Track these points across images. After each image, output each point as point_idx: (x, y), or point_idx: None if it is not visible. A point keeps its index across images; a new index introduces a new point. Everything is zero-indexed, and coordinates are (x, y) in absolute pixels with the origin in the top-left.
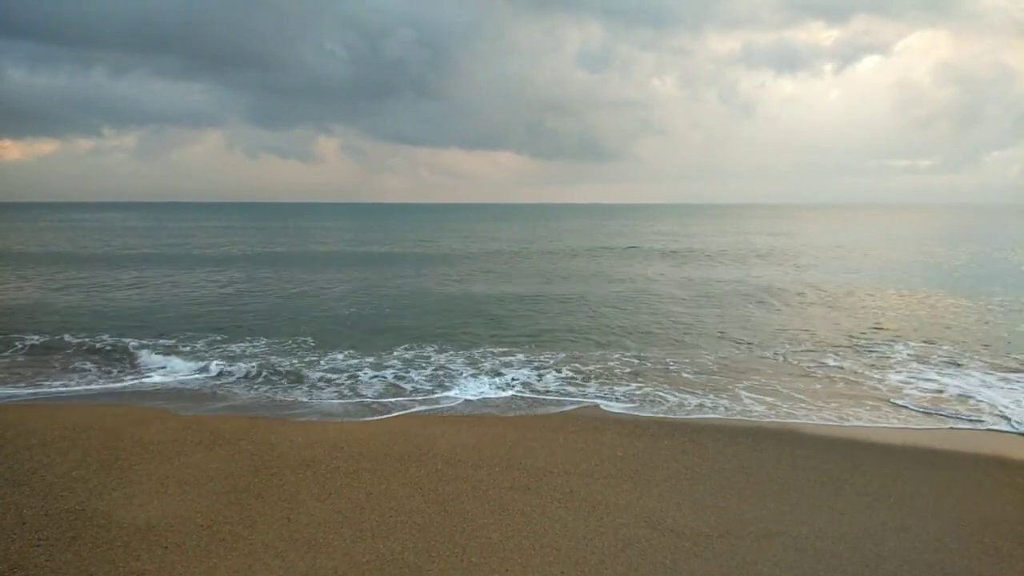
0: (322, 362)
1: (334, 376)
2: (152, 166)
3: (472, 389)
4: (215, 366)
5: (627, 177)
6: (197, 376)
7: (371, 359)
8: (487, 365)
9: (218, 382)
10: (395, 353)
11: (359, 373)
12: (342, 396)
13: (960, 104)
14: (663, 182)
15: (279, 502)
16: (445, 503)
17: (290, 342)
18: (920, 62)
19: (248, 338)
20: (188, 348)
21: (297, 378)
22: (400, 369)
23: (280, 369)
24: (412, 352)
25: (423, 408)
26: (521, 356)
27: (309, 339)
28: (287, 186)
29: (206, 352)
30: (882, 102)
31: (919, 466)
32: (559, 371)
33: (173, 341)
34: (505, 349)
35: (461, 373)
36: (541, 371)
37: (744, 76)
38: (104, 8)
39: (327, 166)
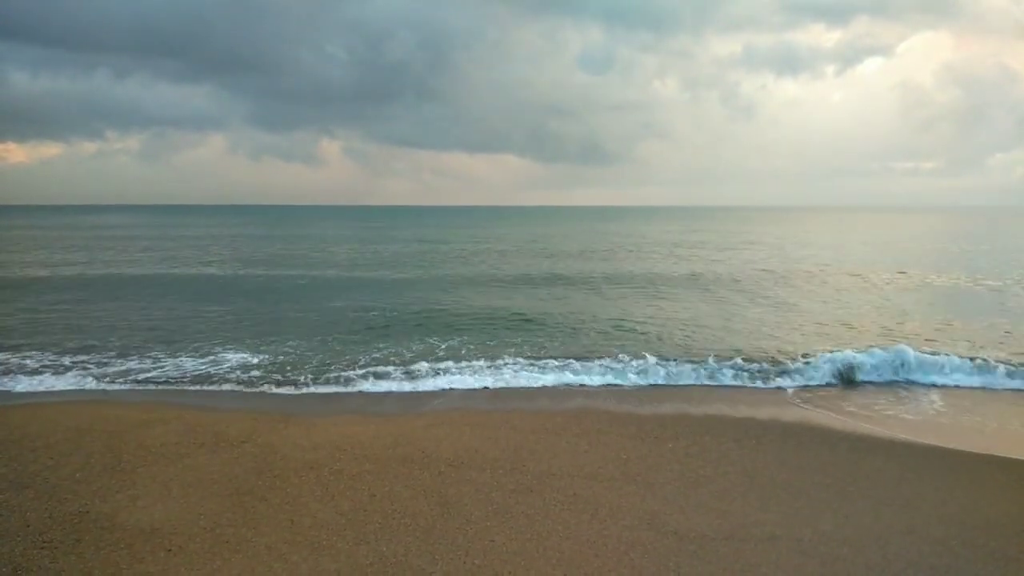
0: (328, 365)
1: (339, 379)
2: (155, 169)
3: (474, 391)
4: (217, 368)
5: (629, 180)
6: (198, 379)
7: (378, 361)
8: (489, 366)
9: (220, 386)
10: (399, 355)
11: (363, 375)
12: (346, 398)
13: (963, 106)
14: (665, 185)
15: (282, 504)
16: (448, 505)
17: (297, 348)
18: (922, 64)
19: (255, 344)
20: (191, 352)
21: (301, 382)
22: (404, 370)
23: (284, 373)
24: (414, 356)
25: (426, 409)
26: (522, 358)
27: (316, 344)
28: (290, 189)
29: (208, 356)
30: (884, 104)
31: (924, 468)
32: (561, 373)
33: (173, 346)
34: (507, 350)
35: (459, 375)
36: (542, 373)
37: (745, 78)
38: (105, 12)
39: (330, 169)
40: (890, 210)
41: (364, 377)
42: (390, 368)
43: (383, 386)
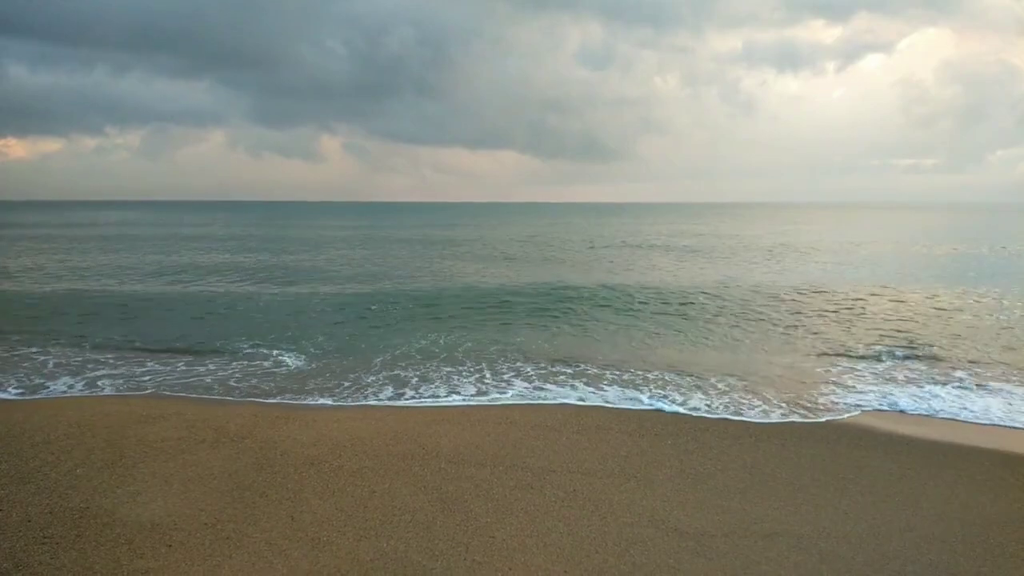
0: (330, 363)
1: (341, 377)
2: (155, 165)
3: (474, 389)
4: (221, 365)
5: (629, 176)
6: (199, 376)
7: (379, 360)
8: (490, 364)
9: (223, 381)
10: (402, 351)
11: (366, 374)
12: (346, 397)
13: (964, 102)
14: (665, 181)
15: (283, 500)
16: (448, 501)
17: (300, 343)
18: (923, 60)
19: (257, 343)
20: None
21: (305, 379)
22: (404, 368)
23: (287, 371)
24: (415, 353)
25: (426, 405)
26: (524, 357)
27: (320, 340)
28: (291, 185)
29: (212, 353)
30: (885, 100)
31: (924, 466)
32: (564, 372)
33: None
34: (510, 352)
35: (463, 373)
36: (544, 371)
37: (746, 75)
38: (103, 7)
39: (330, 165)
40: (891, 207)
41: (369, 377)
42: (394, 366)
43: (385, 385)
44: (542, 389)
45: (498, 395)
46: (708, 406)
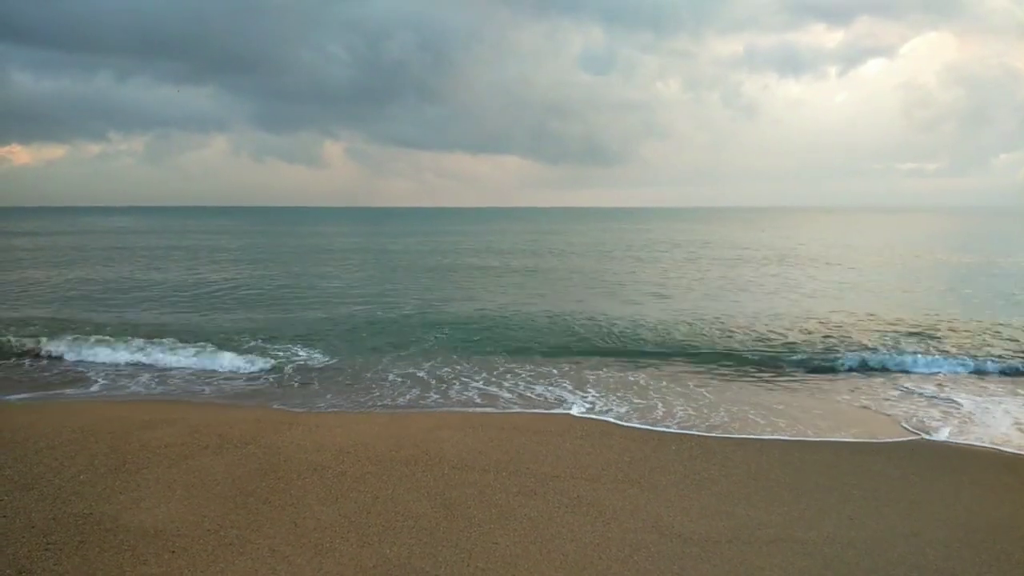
0: (334, 369)
1: (345, 383)
2: (159, 170)
3: (477, 395)
4: (222, 366)
5: (632, 180)
6: (201, 378)
7: (383, 366)
8: (493, 371)
9: (224, 386)
10: (407, 357)
11: (370, 380)
12: (350, 402)
13: (967, 106)
14: (668, 185)
15: (286, 506)
16: (451, 507)
17: (304, 349)
18: (925, 65)
19: (262, 344)
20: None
21: (308, 384)
22: (408, 375)
23: (291, 377)
24: (420, 358)
25: (429, 411)
26: (529, 365)
27: (324, 346)
28: (294, 190)
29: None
30: (888, 104)
31: (928, 471)
32: (565, 379)
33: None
34: (514, 358)
35: (466, 380)
36: (547, 378)
37: (747, 79)
38: (106, 13)
39: (333, 170)
40: (895, 211)
41: (375, 383)
42: (395, 373)
43: (389, 393)
44: (545, 396)
45: (501, 401)
46: (712, 418)
